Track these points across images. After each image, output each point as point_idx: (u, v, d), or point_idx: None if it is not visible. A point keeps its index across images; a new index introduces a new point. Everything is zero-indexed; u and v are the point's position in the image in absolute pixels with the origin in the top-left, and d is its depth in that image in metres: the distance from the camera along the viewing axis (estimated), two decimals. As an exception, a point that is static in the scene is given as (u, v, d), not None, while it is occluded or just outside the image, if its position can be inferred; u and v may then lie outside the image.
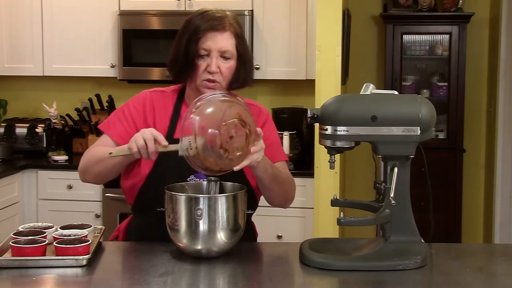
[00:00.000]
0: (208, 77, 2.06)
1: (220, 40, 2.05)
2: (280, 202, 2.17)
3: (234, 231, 1.87)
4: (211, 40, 2.05)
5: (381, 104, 1.83)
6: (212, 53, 2.05)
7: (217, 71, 2.06)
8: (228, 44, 2.06)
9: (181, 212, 1.84)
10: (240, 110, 1.84)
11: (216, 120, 1.80)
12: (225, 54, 2.06)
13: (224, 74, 2.08)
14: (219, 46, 2.05)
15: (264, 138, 2.09)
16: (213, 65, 2.05)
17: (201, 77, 2.07)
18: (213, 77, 2.06)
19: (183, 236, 1.85)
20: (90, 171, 2.10)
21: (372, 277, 1.76)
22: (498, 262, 1.99)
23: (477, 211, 5.05)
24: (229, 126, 1.80)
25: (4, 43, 4.42)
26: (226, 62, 2.07)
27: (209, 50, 2.05)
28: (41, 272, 1.75)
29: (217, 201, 1.85)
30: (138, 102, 2.17)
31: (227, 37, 2.06)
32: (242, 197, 1.91)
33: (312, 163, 3.79)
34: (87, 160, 2.11)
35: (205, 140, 1.79)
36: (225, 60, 2.07)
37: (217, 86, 2.08)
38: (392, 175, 1.83)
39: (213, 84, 2.07)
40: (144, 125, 2.10)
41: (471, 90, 4.93)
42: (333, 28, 3.70)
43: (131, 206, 2.21)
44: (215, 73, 2.06)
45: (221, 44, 2.05)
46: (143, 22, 4.22)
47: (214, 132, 1.79)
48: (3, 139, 4.39)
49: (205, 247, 1.84)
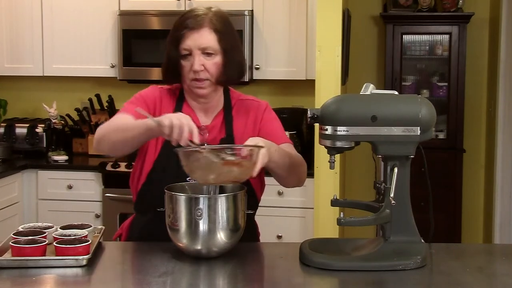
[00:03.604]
0: (194, 77, 2.06)
1: (198, 37, 2.05)
2: (294, 184, 2.18)
3: (234, 231, 1.87)
4: (190, 39, 2.05)
5: (381, 104, 1.83)
6: (193, 51, 2.05)
7: (202, 69, 2.06)
8: (208, 40, 2.05)
9: (181, 212, 1.84)
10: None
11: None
12: (206, 51, 2.06)
13: (211, 70, 2.07)
14: (198, 44, 2.05)
15: (265, 126, 2.12)
16: (196, 64, 2.04)
17: (189, 77, 2.08)
18: (199, 76, 2.06)
19: (183, 236, 1.85)
20: (107, 139, 2.02)
21: (372, 277, 1.76)
22: (498, 262, 1.99)
23: (477, 211, 5.04)
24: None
25: (4, 43, 4.42)
26: (210, 59, 2.06)
27: (190, 49, 2.05)
28: (41, 272, 1.75)
29: (217, 201, 1.85)
30: (148, 93, 2.17)
31: (205, 34, 2.05)
32: (242, 197, 1.91)
33: (312, 163, 3.79)
34: (106, 127, 2.04)
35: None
36: (209, 56, 2.06)
37: (206, 84, 2.08)
38: (392, 175, 1.83)
39: (201, 83, 2.07)
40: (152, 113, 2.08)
41: (471, 90, 4.93)
42: (333, 28, 3.70)
43: (134, 204, 2.21)
44: (200, 71, 2.05)
45: (199, 41, 2.05)
46: (143, 22, 4.22)
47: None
48: (3, 139, 4.39)
49: (205, 247, 1.84)
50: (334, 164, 1.91)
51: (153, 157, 2.11)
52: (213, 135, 2.14)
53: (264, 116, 2.20)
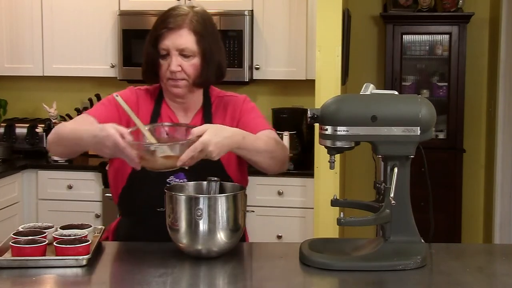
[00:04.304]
0: (171, 76, 2.05)
1: (177, 38, 2.02)
2: (276, 169, 2.09)
3: (234, 231, 1.87)
4: (168, 39, 2.02)
5: (381, 104, 1.83)
6: (171, 52, 2.03)
7: (179, 70, 2.03)
8: (186, 41, 2.03)
9: (181, 212, 1.84)
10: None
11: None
12: (184, 52, 2.03)
13: (188, 71, 2.05)
14: (176, 45, 2.02)
15: (243, 117, 2.12)
16: (173, 65, 2.03)
17: (165, 76, 2.06)
18: (176, 76, 2.04)
19: (183, 236, 1.85)
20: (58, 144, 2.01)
21: (372, 277, 1.76)
22: (498, 262, 1.99)
23: (477, 211, 5.05)
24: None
25: (4, 43, 4.42)
26: (187, 60, 2.04)
27: (168, 49, 2.03)
28: (41, 272, 1.75)
29: (217, 201, 1.85)
30: (124, 94, 2.14)
31: (183, 34, 2.03)
32: (242, 197, 1.91)
33: (312, 163, 3.79)
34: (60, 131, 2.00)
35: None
36: (186, 58, 2.04)
37: (183, 84, 2.06)
38: (392, 175, 1.83)
39: (177, 82, 2.05)
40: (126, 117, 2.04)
41: (471, 90, 4.93)
42: (333, 28, 3.70)
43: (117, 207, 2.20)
44: (176, 72, 2.04)
45: (178, 42, 2.02)
46: (143, 22, 4.21)
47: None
48: (3, 139, 4.39)
49: (205, 247, 1.84)
50: (334, 164, 1.91)
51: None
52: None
53: (243, 108, 2.17)
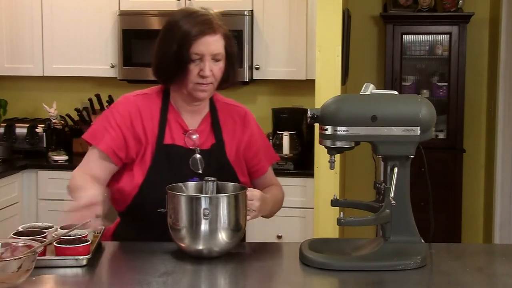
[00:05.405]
0: (200, 81, 2.04)
1: (212, 43, 2.02)
2: (273, 214, 2.24)
3: (235, 231, 1.87)
4: (203, 45, 2.00)
5: (381, 104, 1.83)
6: (205, 57, 2.01)
7: (211, 75, 2.04)
8: (219, 46, 2.04)
9: (182, 212, 1.84)
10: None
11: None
12: (216, 57, 2.04)
13: (216, 76, 2.06)
14: (211, 50, 2.02)
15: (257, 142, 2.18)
16: (207, 70, 2.02)
17: (193, 81, 2.04)
18: (206, 81, 2.04)
19: (185, 236, 1.85)
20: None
21: (372, 277, 1.76)
22: (498, 262, 1.99)
23: (477, 211, 5.05)
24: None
25: (4, 43, 4.42)
26: (217, 64, 2.05)
27: (202, 54, 2.01)
28: (41, 272, 1.75)
29: (219, 201, 1.85)
30: (123, 108, 2.10)
31: (217, 40, 2.03)
32: (244, 197, 1.91)
33: (312, 163, 3.79)
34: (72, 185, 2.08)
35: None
36: (216, 62, 2.04)
37: (209, 88, 2.06)
38: (392, 175, 1.83)
39: (205, 87, 2.05)
40: (131, 132, 2.07)
41: (471, 90, 4.93)
42: (333, 28, 3.70)
43: (121, 212, 2.19)
44: (208, 76, 2.03)
45: (213, 47, 2.02)
46: (143, 22, 4.22)
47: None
48: (3, 139, 4.39)
49: (207, 247, 1.84)
50: (334, 164, 1.91)
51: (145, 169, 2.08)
52: (202, 138, 2.12)
53: (254, 131, 2.21)
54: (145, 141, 2.07)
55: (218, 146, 2.13)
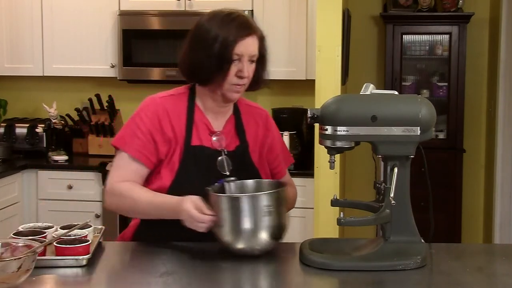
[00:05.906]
0: (237, 82, 2.04)
1: (251, 44, 2.04)
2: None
3: (278, 229, 1.87)
4: (244, 46, 2.02)
5: (381, 104, 1.83)
6: (244, 58, 2.03)
7: (248, 75, 2.06)
8: (256, 47, 2.06)
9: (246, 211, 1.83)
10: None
11: None
12: (252, 58, 2.06)
13: (250, 76, 2.08)
14: (250, 51, 2.03)
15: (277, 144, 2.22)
16: (245, 70, 2.03)
17: (230, 82, 2.04)
18: (243, 82, 2.05)
19: (227, 234, 1.84)
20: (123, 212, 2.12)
21: (372, 277, 1.76)
22: (498, 262, 1.99)
23: (477, 211, 5.05)
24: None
25: (4, 43, 4.42)
26: (251, 65, 2.07)
27: (241, 55, 2.02)
28: (41, 272, 1.75)
29: (280, 195, 1.87)
30: (151, 111, 2.09)
31: (255, 41, 2.05)
32: (284, 194, 1.93)
33: (312, 163, 3.79)
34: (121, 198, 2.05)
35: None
36: (252, 63, 2.06)
37: (243, 89, 2.09)
38: (392, 175, 1.83)
39: (240, 88, 2.07)
40: (161, 134, 2.06)
41: (471, 90, 4.93)
42: (333, 28, 3.70)
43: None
44: (246, 77, 2.05)
45: (251, 48, 2.04)
46: (143, 22, 4.22)
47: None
48: (3, 139, 4.39)
49: (249, 245, 1.85)
50: (334, 164, 1.91)
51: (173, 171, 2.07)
52: (227, 140, 2.13)
53: (275, 134, 2.25)
54: (175, 142, 2.07)
55: (242, 148, 2.14)
